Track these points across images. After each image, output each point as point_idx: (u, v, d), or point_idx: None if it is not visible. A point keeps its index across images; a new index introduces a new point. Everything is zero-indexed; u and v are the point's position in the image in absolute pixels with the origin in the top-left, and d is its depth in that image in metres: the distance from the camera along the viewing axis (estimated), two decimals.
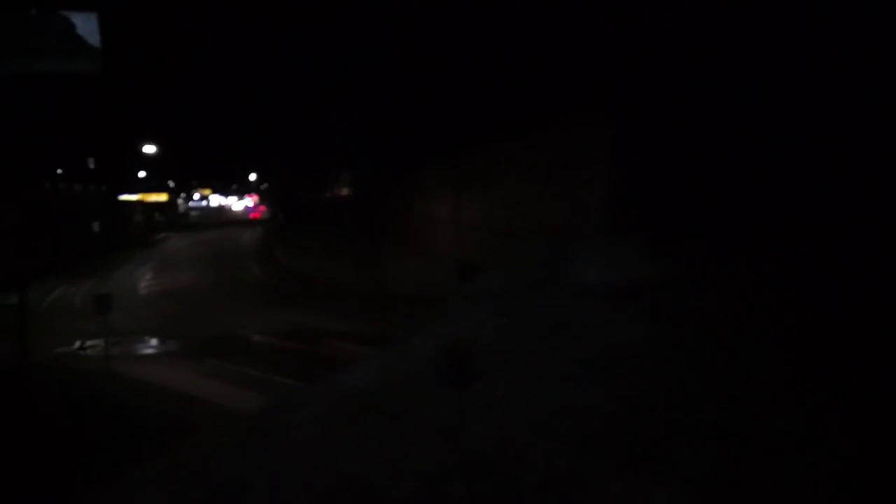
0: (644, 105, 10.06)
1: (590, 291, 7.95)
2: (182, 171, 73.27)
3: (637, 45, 10.18)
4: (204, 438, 4.69)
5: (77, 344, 19.87)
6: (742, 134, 9.40)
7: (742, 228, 8.86)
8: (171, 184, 71.25)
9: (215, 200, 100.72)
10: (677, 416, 3.73)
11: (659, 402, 3.96)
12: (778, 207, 8.70)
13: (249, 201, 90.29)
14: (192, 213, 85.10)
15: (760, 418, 3.74)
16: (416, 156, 24.64)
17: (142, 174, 57.63)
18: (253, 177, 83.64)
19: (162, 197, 64.41)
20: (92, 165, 47.21)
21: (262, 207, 73.30)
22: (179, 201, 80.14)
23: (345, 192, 44.74)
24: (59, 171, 41.67)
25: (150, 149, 42.18)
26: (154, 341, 20.55)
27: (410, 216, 25.78)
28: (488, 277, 9.84)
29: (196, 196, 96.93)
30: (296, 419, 4.23)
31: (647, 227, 9.90)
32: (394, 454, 3.45)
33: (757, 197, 9.03)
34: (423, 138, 23.28)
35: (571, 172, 12.25)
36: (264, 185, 75.78)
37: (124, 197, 54.73)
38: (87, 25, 1.84)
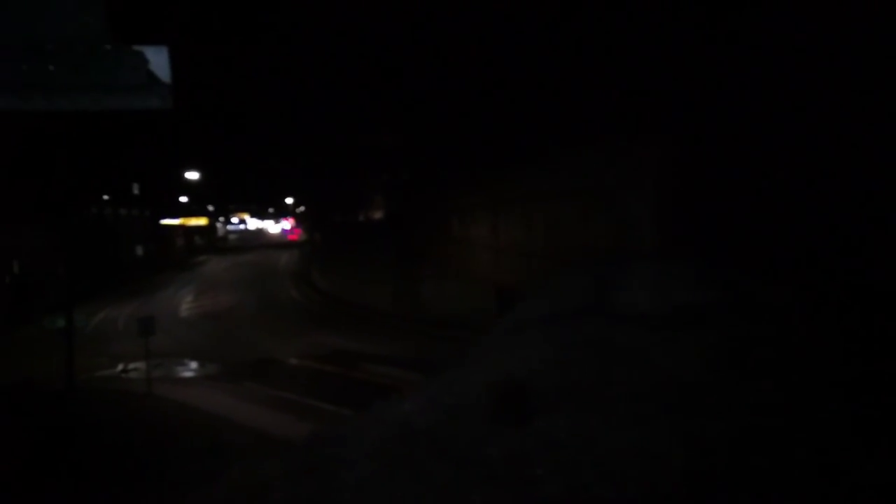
0: (694, 126, 9.79)
1: (640, 320, 7.63)
2: (221, 195, 75.26)
3: (683, 64, 9.96)
4: (253, 467, 4.57)
5: (120, 367, 20.25)
6: (794, 157, 9.05)
7: (794, 252, 8.47)
8: (211, 208, 73.19)
9: (253, 224, 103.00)
10: (756, 463, 3.43)
11: (733, 446, 3.66)
12: (833, 232, 8.32)
13: (286, 224, 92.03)
14: (231, 237, 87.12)
15: (852, 463, 3.41)
16: (453, 178, 24.65)
17: (183, 199, 59.37)
18: (290, 200, 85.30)
19: (202, 221, 66.12)
20: (137, 191, 48.87)
21: (298, 230, 74.56)
22: (218, 225, 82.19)
23: (378, 214, 45.12)
24: (105, 196, 43.20)
25: (192, 175, 43.50)
26: (194, 364, 20.80)
27: (446, 239, 25.71)
28: (531, 303, 9.58)
29: (234, 220, 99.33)
30: (346, 454, 4.07)
31: (696, 250, 9.56)
32: (456, 500, 3.24)
33: (810, 221, 8.64)
34: (460, 160, 23.30)
35: (617, 194, 11.98)
36: (301, 209, 77.17)
37: (166, 221, 56.39)
38: (158, 60, 1.82)
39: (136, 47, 1.37)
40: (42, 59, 1.31)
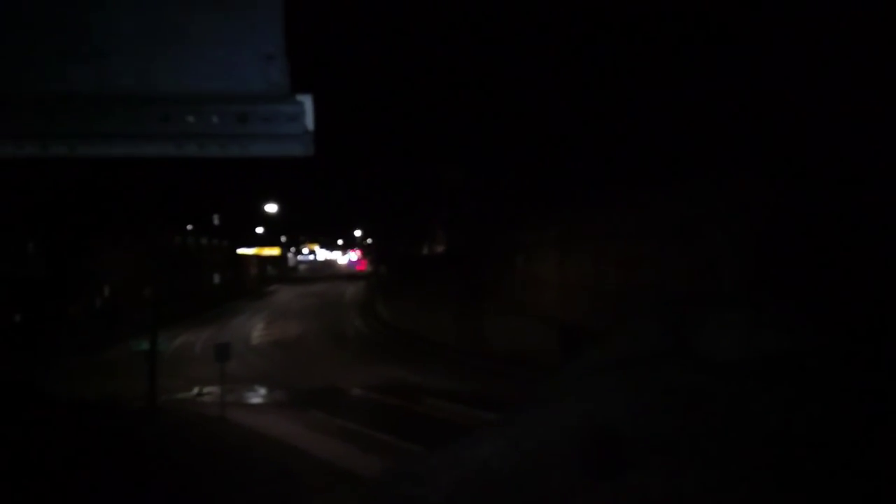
0: (788, 163, 9.34)
1: (726, 367, 7.20)
2: (293, 226, 78.30)
3: (775, 100, 9.58)
4: (330, 501, 4.55)
5: (195, 390, 21.09)
6: (890, 202, 8.44)
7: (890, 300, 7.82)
8: (283, 239, 76.22)
9: (322, 255, 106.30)
10: None
11: None
12: None
13: (353, 256, 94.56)
14: (301, 267, 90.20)
15: None
16: (519, 213, 24.55)
17: (259, 230, 62.19)
18: (358, 233, 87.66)
19: (275, 251, 68.94)
20: (217, 222, 51.64)
21: (365, 262, 76.32)
22: (289, 255, 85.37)
23: (442, 248, 45.49)
24: (189, 226, 45.86)
25: (271, 208, 45.63)
26: (263, 391, 21.37)
27: (511, 274, 25.50)
28: (605, 344, 9.26)
29: (305, 250, 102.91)
30: (425, 494, 3.98)
31: (782, 295, 9.01)
32: None
33: None
34: (528, 195, 23.21)
35: (698, 234, 11.52)
36: (368, 241, 79.07)
37: (242, 250, 59.12)
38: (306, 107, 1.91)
39: (299, 97, 1.42)
40: (209, 110, 1.37)
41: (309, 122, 1.53)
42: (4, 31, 1.44)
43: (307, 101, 1.54)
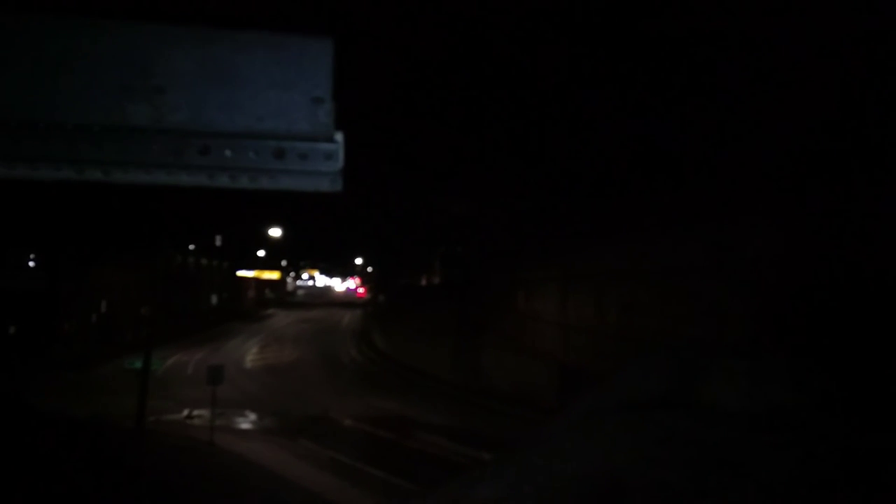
0: (797, 215, 9.37)
1: (732, 417, 7.06)
2: (294, 251, 78.34)
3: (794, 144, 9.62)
4: None
5: (185, 412, 20.79)
6: None
7: None
8: (283, 263, 76.19)
9: (321, 280, 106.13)
10: None
11: None
12: None
13: (352, 283, 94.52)
14: (299, 292, 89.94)
15: None
16: (521, 249, 24.55)
17: (260, 253, 62.22)
18: (359, 260, 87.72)
19: (274, 275, 68.83)
20: (218, 243, 51.66)
21: (364, 290, 76.23)
22: (288, 279, 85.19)
23: (438, 280, 45.46)
24: (191, 246, 45.87)
25: (275, 232, 45.82)
26: (253, 416, 21.07)
27: (509, 310, 25.35)
28: (605, 387, 9.12)
29: (304, 276, 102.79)
30: None
31: (791, 346, 8.94)
32: None
33: None
34: (530, 232, 23.24)
35: (704, 280, 11.47)
36: (369, 269, 79.07)
37: (241, 273, 59.02)
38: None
39: (336, 135, 1.43)
40: (248, 145, 1.38)
41: (341, 159, 1.54)
42: (63, 63, 1.51)
43: (341, 139, 1.55)
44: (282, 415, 20.78)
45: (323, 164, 1.48)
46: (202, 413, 19.39)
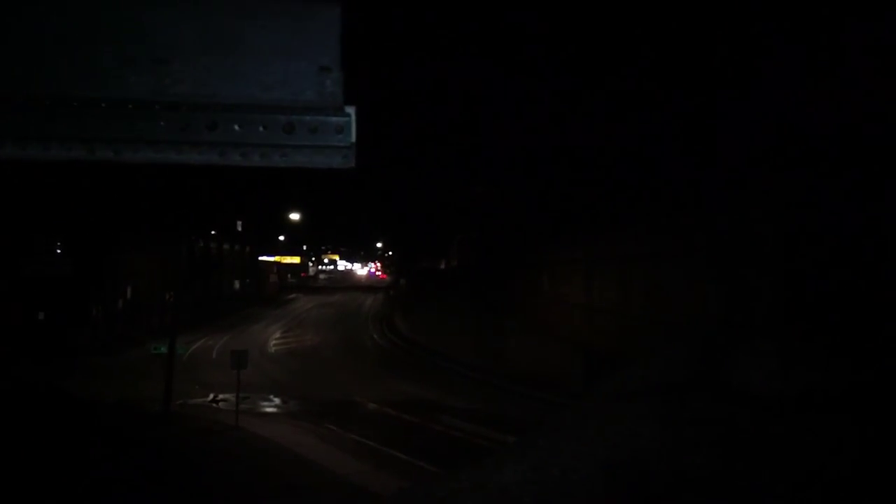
0: (823, 191, 9.04)
1: (759, 400, 6.90)
2: (315, 236, 78.97)
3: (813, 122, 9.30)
4: None
5: (210, 396, 21.12)
6: None
7: None
8: (305, 248, 76.87)
9: (342, 265, 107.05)
10: None
11: None
12: None
13: (373, 267, 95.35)
14: (321, 276, 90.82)
15: None
16: (546, 232, 24.28)
17: (281, 238, 62.81)
18: (380, 245, 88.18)
19: (296, 259, 69.51)
20: (240, 228, 52.18)
21: (384, 275, 76.76)
22: (310, 264, 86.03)
23: (457, 263, 45.44)
24: (213, 231, 46.40)
25: (295, 216, 46.08)
26: (277, 400, 21.32)
27: (534, 293, 25.15)
28: (631, 370, 8.99)
29: (325, 260, 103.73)
30: None
31: (819, 328, 8.67)
32: None
33: None
34: (555, 215, 22.96)
35: (733, 261, 11.17)
36: (389, 253, 79.45)
37: (263, 258, 59.68)
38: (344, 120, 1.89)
39: (347, 108, 1.35)
40: (256, 119, 1.31)
41: (353, 134, 1.46)
42: (65, 36, 1.44)
43: (353, 113, 1.47)
44: (306, 398, 20.99)
45: (334, 137, 1.40)
46: (227, 397, 19.70)
